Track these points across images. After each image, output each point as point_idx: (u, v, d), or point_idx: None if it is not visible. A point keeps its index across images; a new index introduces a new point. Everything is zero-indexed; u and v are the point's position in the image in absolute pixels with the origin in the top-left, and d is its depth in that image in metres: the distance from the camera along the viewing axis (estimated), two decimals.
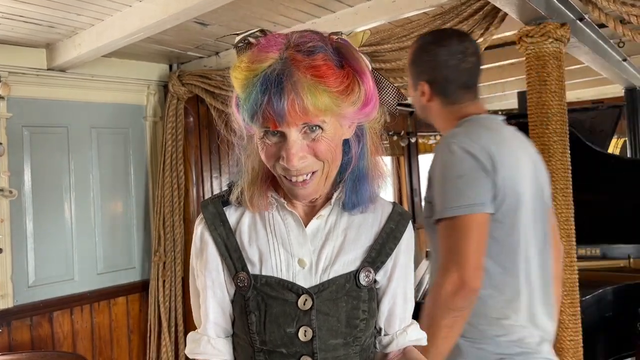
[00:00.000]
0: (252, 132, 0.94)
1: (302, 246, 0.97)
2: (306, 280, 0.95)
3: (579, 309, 1.71)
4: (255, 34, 0.90)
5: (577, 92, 4.82)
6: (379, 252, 1.01)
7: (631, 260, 3.10)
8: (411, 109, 5.74)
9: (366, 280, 0.98)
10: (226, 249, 0.98)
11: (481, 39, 2.02)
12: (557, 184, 1.70)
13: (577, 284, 1.71)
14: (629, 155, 3.66)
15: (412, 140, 5.82)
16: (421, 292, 2.61)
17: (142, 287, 3.14)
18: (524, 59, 1.79)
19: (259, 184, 0.98)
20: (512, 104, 5.27)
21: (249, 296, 0.95)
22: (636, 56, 3.28)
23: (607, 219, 2.97)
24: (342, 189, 0.99)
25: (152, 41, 2.56)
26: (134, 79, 3.06)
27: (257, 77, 0.83)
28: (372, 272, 0.99)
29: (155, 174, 3.19)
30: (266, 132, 0.88)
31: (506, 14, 1.84)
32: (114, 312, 2.99)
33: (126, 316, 3.07)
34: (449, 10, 2.06)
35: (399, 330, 1.05)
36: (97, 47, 2.33)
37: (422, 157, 6.09)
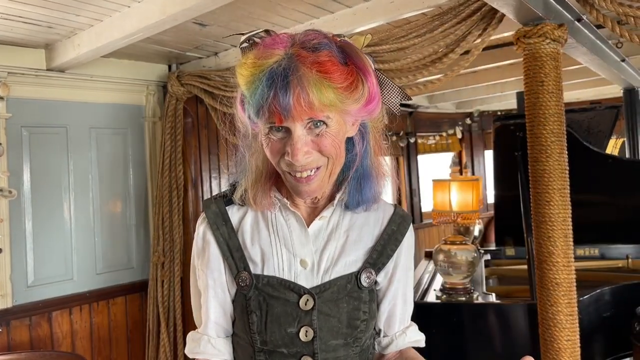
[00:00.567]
0: (257, 130, 0.94)
1: (304, 246, 0.98)
2: (308, 280, 0.96)
3: (577, 309, 1.71)
4: (259, 34, 0.91)
5: (575, 93, 4.82)
6: (381, 253, 1.01)
7: (629, 260, 3.11)
8: (410, 110, 5.75)
9: (367, 281, 0.99)
10: (228, 248, 0.98)
11: (479, 40, 2.02)
12: (555, 184, 1.70)
13: (575, 284, 1.71)
14: (627, 155, 3.66)
15: (412, 140, 5.82)
16: (420, 292, 2.61)
17: (141, 287, 3.15)
18: (522, 59, 1.80)
19: (262, 183, 0.98)
20: (511, 104, 5.28)
21: (250, 296, 0.95)
22: (635, 57, 3.28)
23: (605, 220, 2.98)
24: (345, 190, 0.99)
25: (151, 42, 2.56)
26: (133, 79, 3.06)
27: (263, 72, 0.84)
28: (373, 273, 1.00)
29: (154, 174, 3.20)
30: (271, 127, 0.88)
31: (504, 15, 1.84)
32: (112, 312, 2.99)
33: (125, 316, 3.07)
34: (447, 11, 2.06)
35: (398, 331, 1.06)
36: (96, 47, 2.34)
37: (421, 158, 6.10)
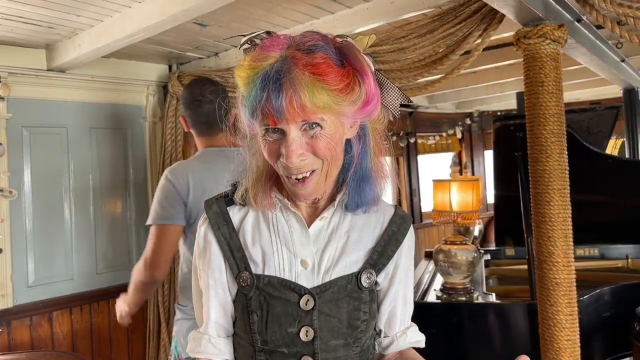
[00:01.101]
0: (255, 131, 0.94)
1: (305, 247, 0.98)
2: (308, 280, 0.96)
3: (577, 309, 1.72)
4: (260, 36, 0.91)
5: (575, 93, 4.83)
6: (381, 254, 1.01)
7: (629, 260, 3.11)
8: (410, 110, 5.75)
9: (368, 281, 0.99)
10: (229, 248, 0.99)
11: (479, 40, 2.03)
12: (555, 184, 1.70)
13: (575, 284, 1.72)
14: (627, 156, 3.66)
15: (412, 140, 5.83)
16: (420, 292, 2.61)
17: None
18: (522, 60, 1.80)
19: (263, 183, 0.99)
20: (511, 104, 5.28)
21: (251, 296, 0.95)
22: (634, 57, 3.28)
23: (604, 220, 2.98)
24: (346, 190, 0.99)
25: (152, 42, 2.56)
26: (133, 79, 3.06)
27: (258, 74, 0.84)
28: (374, 274, 1.00)
29: (154, 174, 3.19)
30: (267, 129, 0.89)
31: (504, 16, 1.84)
32: (113, 312, 2.96)
33: None
34: (447, 11, 2.07)
35: (399, 332, 1.07)
36: (96, 47, 2.34)
37: (421, 158, 6.10)
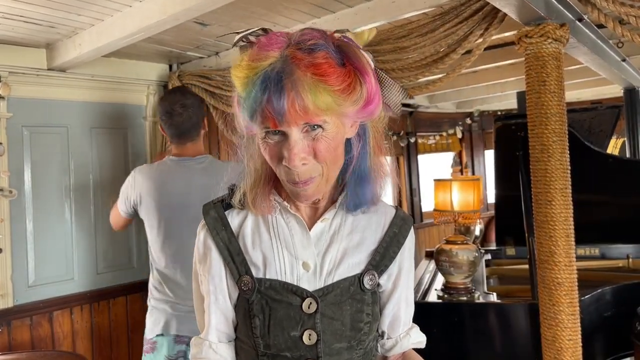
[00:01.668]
0: (253, 132, 0.92)
1: (306, 249, 0.96)
2: (310, 283, 0.95)
3: (578, 308, 1.72)
4: (256, 33, 0.88)
5: (576, 93, 4.83)
6: (383, 256, 1.00)
7: (630, 260, 3.11)
8: (411, 109, 5.75)
9: (370, 283, 0.98)
10: (229, 253, 0.97)
11: (481, 40, 2.02)
12: (556, 184, 1.70)
13: (576, 283, 1.71)
14: (627, 155, 3.66)
15: (412, 140, 5.83)
16: (421, 292, 2.61)
17: (141, 287, 3.13)
18: (524, 59, 1.79)
19: (261, 186, 0.97)
20: (511, 104, 5.29)
21: (253, 300, 0.94)
22: (635, 57, 3.28)
23: (605, 219, 2.98)
24: (347, 192, 0.98)
25: (152, 41, 2.56)
26: (133, 79, 3.06)
27: (258, 75, 0.81)
28: (376, 275, 0.99)
29: None
30: (267, 131, 0.86)
31: (505, 15, 1.84)
32: (113, 311, 2.99)
33: (126, 316, 3.07)
34: (448, 10, 2.06)
35: (402, 333, 1.06)
36: (97, 47, 2.33)
37: (421, 157, 6.10)
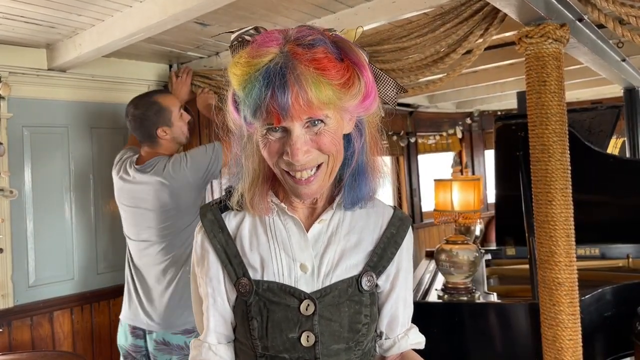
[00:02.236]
0: (252, 131, 0.92)
1: (304, 251, 0.96)
2: (308, 285, 0.95)
3: (578, 308, 1.72)
4: (249, 32, 0.89)
5: (576, 93, 4.83)
6: (381, 256, 1.00)
7: (630, 260, 3.11)
8: (411, 109, 5.75)
9: (368, 284, 0.98)
10: (226, 255, 0.97)
11: (481, 40, 2.02)
12: (557, 184, 1.70)
13: (577, 283, 1.72)
14: (627, 155, 3.66)
15: (412, 140, 5.83)
16: (421, 292, 2.61)
17: None
18: (524, 59, 1.80)
19: (259, 186, 0.96)
20: (511, 104, 5.29)
21: (250, 302, 0.94)
22: (635, 57, 3.28)
23: (605, 219, 2.98)
24: (344, 190, 0.98)
25: (153, 41, 2.56)
26: (134, 79, 3.06)
27: (259, 71, 0.81)
28: (374, 276, 0.99)
29: None
30: (269, 128, 0.86)
31: (506, 15, 1.84)
32: (114, 312, 2.99)
33: None
34: (448, 11, 2.06)
35: (400, 334, 1.06)
36: (97, 47, 2.33)
37: (421, 157, 6.10)
